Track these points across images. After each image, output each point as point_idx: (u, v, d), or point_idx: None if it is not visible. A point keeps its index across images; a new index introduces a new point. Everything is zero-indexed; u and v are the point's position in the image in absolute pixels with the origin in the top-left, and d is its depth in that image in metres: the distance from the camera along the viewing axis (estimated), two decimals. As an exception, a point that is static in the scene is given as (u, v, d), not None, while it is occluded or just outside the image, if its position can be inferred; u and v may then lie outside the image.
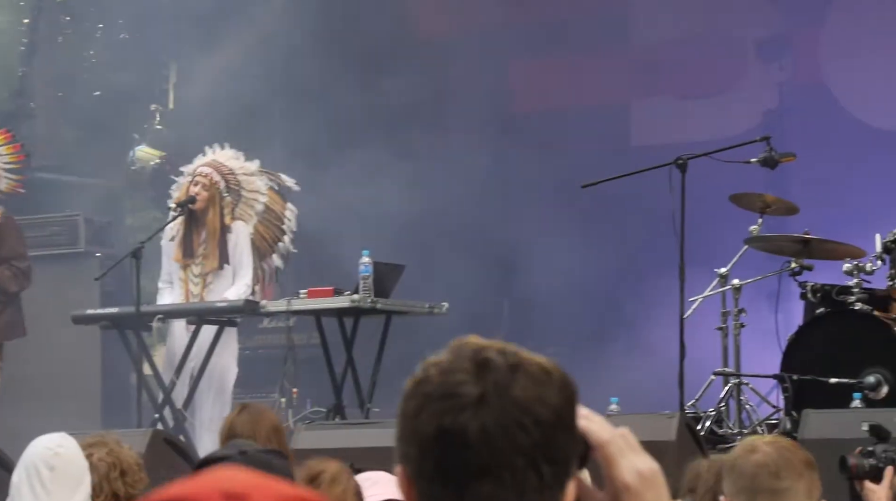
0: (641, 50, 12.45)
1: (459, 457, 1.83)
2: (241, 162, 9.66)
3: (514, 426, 1.82)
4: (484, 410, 1.83)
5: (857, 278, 8.14)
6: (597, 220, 11.94)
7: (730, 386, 8.29)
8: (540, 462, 1.83)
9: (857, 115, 11.58)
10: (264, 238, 9.69)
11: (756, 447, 3.50)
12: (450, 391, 1.84)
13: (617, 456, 1.92)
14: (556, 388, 1.86)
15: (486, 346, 1.87)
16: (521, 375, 1.85)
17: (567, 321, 11.81)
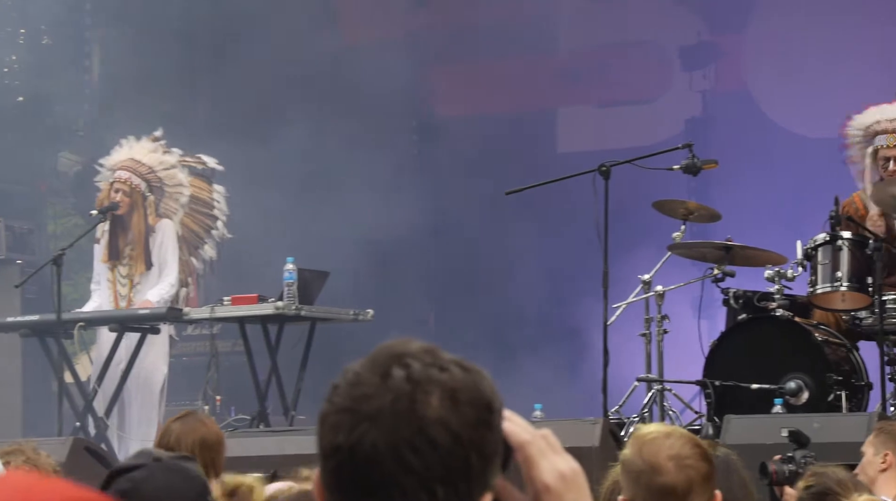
0: (568, 57, 12.50)
1: (350, 473, 1.80)
2: (160, 155, 9.59)
3: (407, 447, 1.78)
4: (378, 427, 1.78)
5: (778, 285, 8.22)
6: (522, 226, 11.98)
7: (653, 392, 8.33)
8: (434, 484, 1.79)
9: (780, 122, 11.69)
10: (193, 230, 9.65)
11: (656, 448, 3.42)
12: (350, 406, 1.81)
13: (537, 458, 1.90)
14: (463, 408, 1.80)
15: (401, 355, 1.82)
16: (423, 392, 1.79)
17: (492, 327, 11.83)
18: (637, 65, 12.23)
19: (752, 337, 8.16)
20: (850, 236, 8.06)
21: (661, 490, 3.25)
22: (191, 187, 9.64)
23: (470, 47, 12.51)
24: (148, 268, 9.34)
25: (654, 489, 3.25)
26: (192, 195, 9.61)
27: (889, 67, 10.70)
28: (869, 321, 8.08)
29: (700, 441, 3.43)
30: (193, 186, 9.68)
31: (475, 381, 1.83)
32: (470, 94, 12.60)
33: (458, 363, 1.84)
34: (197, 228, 9.67)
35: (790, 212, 10.27)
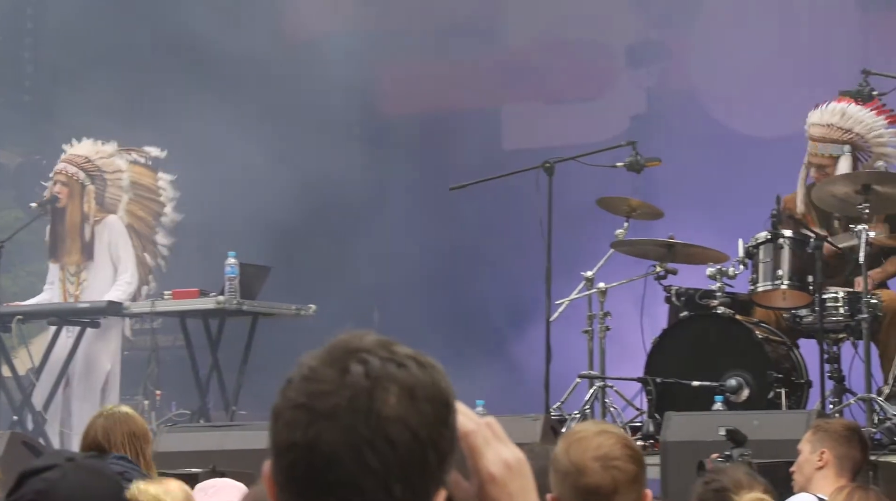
0: (513, 54, 12.52)
1: (307, 471, 1.77)
2: (98, 147, 9.58)
3: (365, 445, 1.75)
4: (335, 425, 1.75)
5: (719, 283, 8.26)
6: (466, 223, 11.99)
7: (595, 389, 8.36)
8: (392, 482, 1.77)
9: (723, 121, 11.75)
10: (141, 218, 9.60)
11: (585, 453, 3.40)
12: (306, 402, 1.77)
13: (482, 446, 1.89)
14: (421, 405, 1.78)
15: (358, 350, 1.79)
16: (381, 389, 1.76)
17: (435, 324, 11.84)
18: (582, 62, 12.26)
19: (694, 335, 8.21)
20: (792, 235, 8.12)
21: (586, 490, 3.25)
22: (132, 173, 9.60)
23: (415, 44, 12.51)
24: (87, 259, 9.29)
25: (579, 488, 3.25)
26: (134, 181, 9.56)
27: (834, 66, 10.78)
28: (809, 319, 8.14)
29: (632, 441, 3.41)
30: (135, 173, 9.64)
31: (433, 377, 1.81)
32: (415, 91, 12.60)
33: (414, 358, 1.82)
34: (145, 214, 9.63)
35: (733, 210, 10.32)
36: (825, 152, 8.40)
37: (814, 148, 8.42)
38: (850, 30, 11.44)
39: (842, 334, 8.10)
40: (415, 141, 12.54)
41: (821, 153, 8.40)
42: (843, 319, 8.02)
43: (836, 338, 8.12)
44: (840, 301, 8.03)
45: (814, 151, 8.42)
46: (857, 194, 7.85)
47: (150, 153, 9.72)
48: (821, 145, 8.40)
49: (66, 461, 2.87)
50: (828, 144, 8.39)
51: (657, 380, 8.11)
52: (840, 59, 10.91)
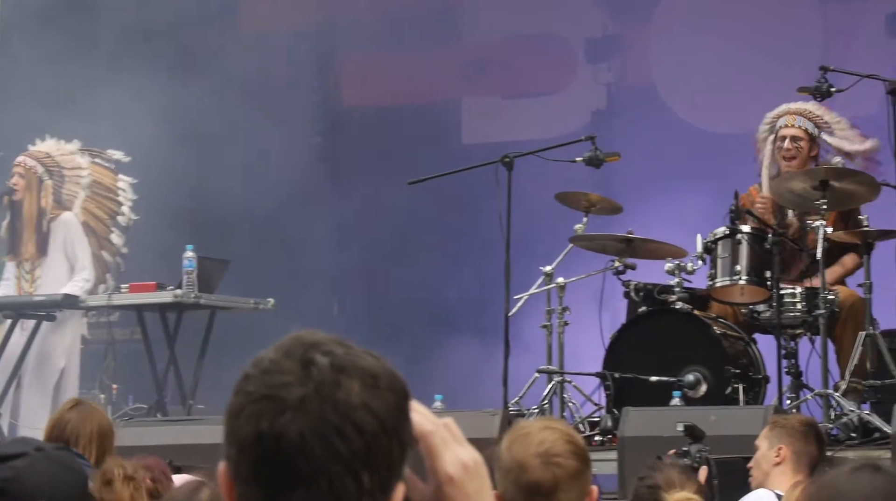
0: (473, 48, 12.52)
1: (275, 463, 1.78)
2: (61, 145, 9.55)
3: (334, 433, 1.77)
4: (304, 415, 1.77)
5: (678, 278, 8.29)
6: (424, 217, 12.00)
7: (553, 384, 8.38)
8: (360, 470, 1.79)
9: (683, 116, 11.79)
10: (97, 217, 9.56)
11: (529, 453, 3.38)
12: (271, 393, 1.79)
13: (440, 447, 1.90)
14: (384, 393, 1.81)
15: (317, 344, 1.82)
16: (347, 378, 1.79)
17: (393, 318, 11.84)
18: (542, 57, 12.27)
19: (652, 330, 8.23)
20: (750, 231, 8.16)
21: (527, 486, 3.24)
22: (92, 172, 9.56)
23: (374, 36, 12.49)
24: (41, 255, 9.24)
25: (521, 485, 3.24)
26: (95, 180, 9.53)
27: (793, 62, 10.83)
28: (767, 314, 8.18)
29: (577, 437, 3.39)
30: (96, 172, 9.60)
31: (390, 367, 1.85)
32: (375, 84, 12.58)
33: (369, 353, 1.85)
34: (101, 213, 9.59)
35: (692, 205, 10.36)
36: (803, 125, 8.45)
37: (791, 120, 8.44)
38: (809, 25, 11.50)
39: (799, 329, 8.15)
40: (373, 134, 12.52)
41: (798, 125, 8.44)
42: (801, 314, 8.06)
43: (793, 334, 8.16)
44: (797, 297, 8.08)
45: (791, 122, 8.44)
46: (815, 189, 7.88)
47: (113, 156, 9.68)
48: (799, 118, 8.45)
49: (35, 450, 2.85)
50: (805, 119, 8.46)
51: (615, 375, 8.13)
52: (799, 55, 10.96)
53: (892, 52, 11.20)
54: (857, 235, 8.04)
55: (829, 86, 7.87)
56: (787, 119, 8.49)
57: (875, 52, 11.10)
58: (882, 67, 10.21)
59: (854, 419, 7.57)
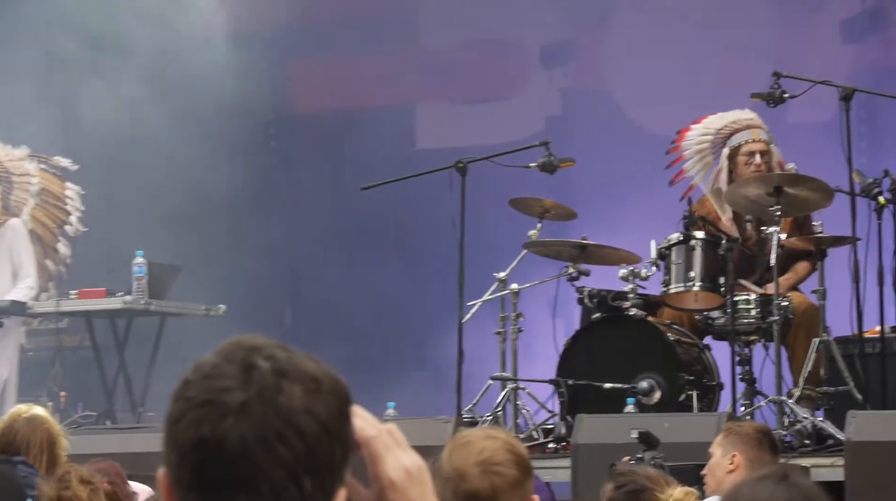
0: (428, 52, 12.50)
1: (217, 468, 1.77)
2: (7, 150, 9.48)
3: (276, 438, 1.77)
4: (245, 420, 1.77)
5: (632, 284, 8.30)
6: (378, 223, 11.97)
7: (507, 391, 8.37)
8: (302, 475, 1.78)
9: (638, 121, 11.80)
10: (45, 225, 9.49)
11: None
12: (212, 398, 1.78)
13: (383, 453, 1.90)
14: (326, 397, 1.81)
15: (258, 348, 1.81)
16: (289, 383, 1.79)
17: (348, 323, 11.81)
18: (497, 62, 12.27)
19: (606, 336, 8.24)
20: (704, 237, 8.18)
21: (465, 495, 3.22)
22: (42, 180, 9.50)
23: (328, 40, 12.46)
24: None
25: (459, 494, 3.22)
26: (43, 188, 9.46)
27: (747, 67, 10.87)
28: (721, 321, 8.20)
29: (519, 447, 3.38)
30: (44, 180, 9.54)
31: (332, 372, 1.84)
32: (328, 88, 12.55)
33: (310, 357, 1.84)
34: (49, 222, 9.52)
35: (646, 211, 10.38)
36: (764, 138, 8.51)
37: (756, 134, 8.49)
38: (764, 31, 11.55)
39: (753, 336, 8.17)
40: (327, 139, 12.48)
41: (763, 139, 8.50)
42: (755, 321, 8.09)
43: (747, 340, 8.19)
44: (751, 303, 8.10)
45: (756, 137, 8.49)
46: (769, 195, 7.91)
47: (61, 163, 9.61)
48: (760, 132, 8.51)
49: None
50: (762, 131, 8.52)
51: (569, 382, 8.13)
52: (753, 60, 11.00)
53: (846, 58, 11.27)
54: (811, 241, 8.08)
55: (783, 92, 7.90)
56: (752, 133, 8.52)
57: (830, 58, 11.16)
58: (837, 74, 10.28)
59: (808, 426, 7.60)
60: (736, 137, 8.58)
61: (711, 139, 8.73)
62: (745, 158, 8.52)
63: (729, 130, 8.64)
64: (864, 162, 10.79)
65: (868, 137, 11.11)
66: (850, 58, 11.27)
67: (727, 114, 8.70)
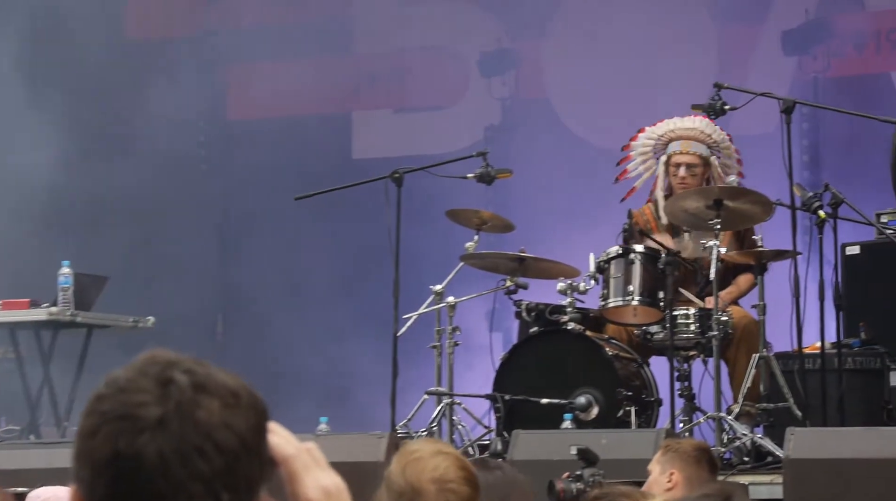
0: (364, 59, 12.49)
1: (133, 483, 1.77)
2: None
3: (194, 452, 1.77)
4: (163, 434, 1.77)
5: (570, 298, 8.32)
6: (312, 233, 11.94)
7: (442, 406, 8.36)
8: (220, 490, 1.78)
9: (578, 132, 11.85)
10: None
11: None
12: (128, 413, 1.78)
13: (301, 472, 1.91)
14: (244, 411, 1.82)
15: (174, 362, 1.82)
16: (206, 397, 1.80)
17: (280, 337, 11.77)
18: (435, 70, 12.28)
19: (544, 351, 8.25)
20: (643, 250, 8.21)
21: None
22: None
23: (262, 46, 12.43)
24: None
25: None
26: None
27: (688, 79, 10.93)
28: (660, 336, 8.24)
29: (468, 462, 3.45)
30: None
31: (249, 386, 1.85)
32: (261, 95, 12.51)
33: (227, 372, 1.85)
34: None
35: (585, 224, 10.41)
36: (697, 151, 8.55)
37: (686, 146, 8.54)
38: (705, 42, 11.62)
39: (692, 351, 8.22)
40: (259, 147, 12.44)
41: (693, 152, 8.54)
42: (694, 336, 8.13)
43: (686, 355, 8.23)
44: (691, 318, 8.14)
45: (685, 149, 8.54)
46: (709, 208, 7.95)
47: None
48: (693, 144, 8.54)
49: None
50: (698, 144, 8.56)
51: (505, 397, 8.14)
52: (695, 72, 11.07)
53: (788, 69, 11.36)
54: (751, 255, 8.13)
55: (724, 103, 7.94)
56: (682, 145, 8.58)
57: (771, 69, 11.25)
58: (779, 85, 10.37)
59: (747, 443, 7.65)
60: (671, 146, 8.64)
61: (653, 145, 8.78)
62: (673, 169, 8.59)
63: (667, 138, 8.70)
64: (807, 176, 10.91)
65: (810, 151, 11.22)
66: (792, 69, 11.37)
67: (674, 119, 8.74)
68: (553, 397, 8.06)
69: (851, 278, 8.77)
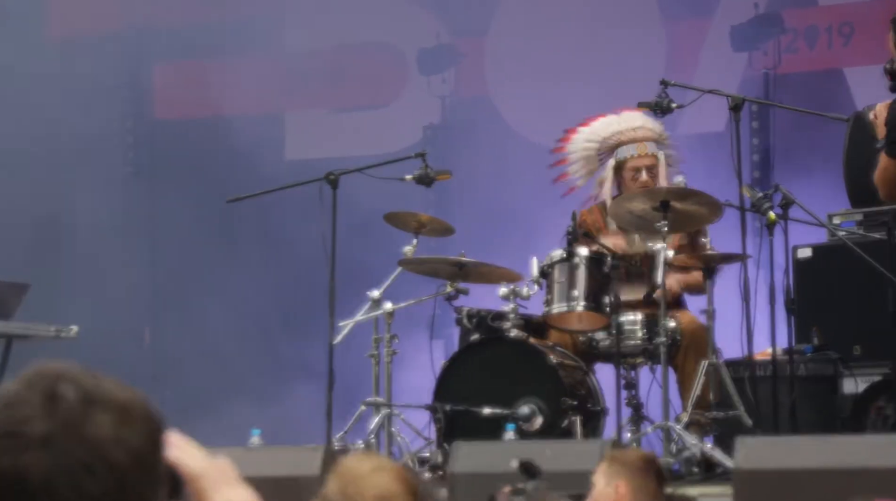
0: (297, 57, 12.44)
1: None
2: None
3: (83, 471, 1.74)
4: (49, 452, 1.74)
5: (512, 304, 8.30)
6: (245, 238, 11.88)
7: (380, 417, 8.33)
8: None
9: (521, 131, 11.84)
10: None
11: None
12: (12, 429, 1.75)
13: (210, 490, 1.90)
14: (137, 427, 1.79)
15: (62, 374, 1.78)
16: (97, 411, 1.77)
17: (210, 347, 11.70)
18: (372, 67, 12.24)
19: (485, 359, 8.22)
20: (588, 254, 8.20)
21: None
22: None
23: (190, 44, 12.35)
24: None
25: None
26: None
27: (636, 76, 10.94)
28: (606, 342, 8.23)
29: (407, 474, 3.46)
30: None
31: (143, 399, 1.82)
32: (190, 94, 12.44)
33: (119, 383, 1.82)
34: None
35: (528, 226, 10.41)
36: (653, 151, 8.56)
37: (642, 149, 8.54)
38: (651, 37, 11.64)
39: (639, 358, 8.21)
40: (189, 148, 12.37)
41: (650, 152, 8.54)
42: (641, 342, 8.12)
43: (633, 363, 8.23)
44: (637, 324, 8.14)
45: (643, 152, 8.54)
46: (656, 210, 7.95)
47: None
48: (648, 145, 8.55)
49: None
50: (650, 143, 8.57)
51: (446, 407, 8.11)
52: (643, 69, 11.08)
53: (738, 65, 11.39)
54: (700, 259, 8.13)
55: (671, 101, 7.93)
56: (638, 148, 8.57)
57: (721, 65, 11.27)
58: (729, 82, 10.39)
59: (696, 454, 7.64)
60: (622, 151, 8.63)
61: (597, 147, 8.76)
62: (632, 173, 8.58)
63: (615, 140, 8.69)
64: (757, 176, 10.94)
65: (760, 150, 11.25)
66: (742, 65, 11.40)
67: (614, 119, 8.73)
68: (495, 407, 8.03)
69: (803, 281, 8.79)
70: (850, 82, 11.16)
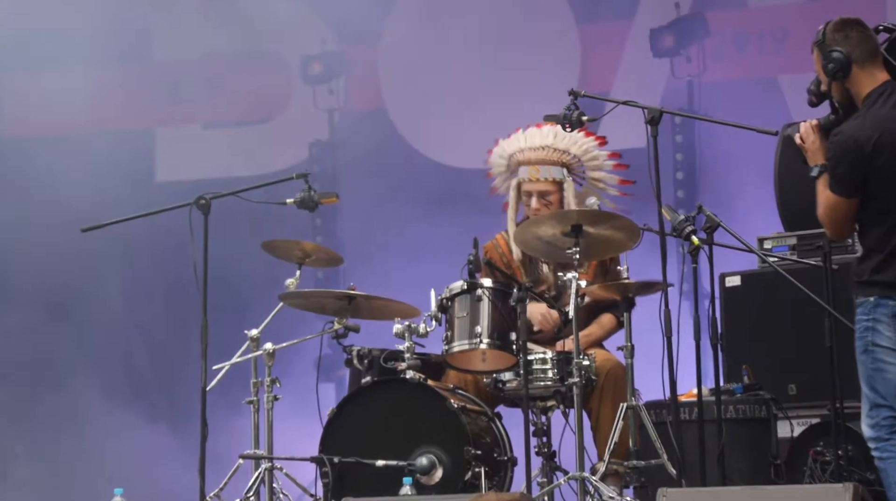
0: (167, 67, 12.41)
1: None
2: None
3: None
4: None
5: (409, 342, 8.30)
6: (105, 269, 11.82)
7: (260, 471, 8.30)
8: None
9: (420, 149, 11.86)
10: None
11: None
12: None
13: None
14: None
15: None
16: None
17: (61, 393, 11.62)
18: (251, 78, 12.23)
19: (378, 404, 8.21)
20: (492, 285, 8.21)
21: None
22: None
23: (44, 55, 12.29)
24: None
25: None
26: None
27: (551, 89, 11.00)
28: (513, 384, 8.24)
29: None
30: None
31: None
32: (44, 110, 12.38)
33: None
34: None
35: (427, 255, 10.42)
36: (548, 176, 8.59)
37: (534, 173, 8.58)
38: (564, 43, 11.70)
39: (551, 401, 8.23)
40: (43, 169, 12.28)
41: (544, 178, 8.58)
42: (552, 384, 8.14)
43: (544, 406, 8.24)
44: (548, 363, 8.16)
45: (534, 176, 8.58)
46: (566, 236, 7.97)
47: None
48: (542, 169, 8.58)
49: None
50: (549, 167, 8.59)
51: (335, 460, 8.10)
52: (554, 77, 11.15)
53: (661, 73, 11.48)
54: (615, 289, 8.16)
55: (581, 114, 7.95)
56: (530, 172, 8.62)
57: (641, 73, 11.36)
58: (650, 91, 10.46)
59: (614, 507, 7.68)
60: (521, 171, 8.69)
61: (505, 164, 8.82)
62: (525, 197, 8.65)
63: (516, 160, 8.73)
64: (682, 196, 11.03)
65: (685, 167, 11.33)
66: (664, 73, 11.49)
67: (521, 136, 8.77)
68: (390, 458, 8.02)
69: (732, 313, 8.85)
70: (784, 91, 11.27)
